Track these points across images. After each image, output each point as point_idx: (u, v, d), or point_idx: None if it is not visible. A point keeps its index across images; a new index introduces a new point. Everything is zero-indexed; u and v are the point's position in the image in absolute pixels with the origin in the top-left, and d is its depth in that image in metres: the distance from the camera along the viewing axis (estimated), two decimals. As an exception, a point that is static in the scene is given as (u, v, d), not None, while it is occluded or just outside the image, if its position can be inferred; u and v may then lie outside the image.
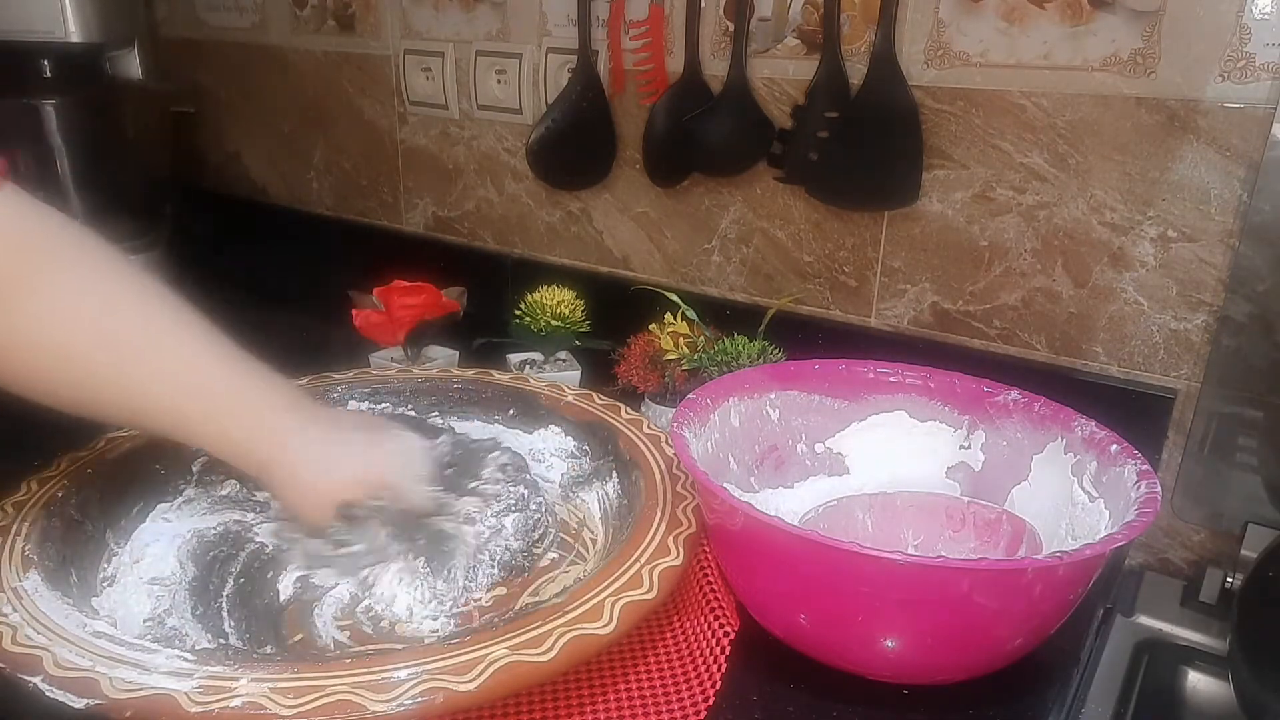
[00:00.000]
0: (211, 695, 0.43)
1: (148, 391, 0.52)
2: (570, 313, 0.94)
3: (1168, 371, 0.79)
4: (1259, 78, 0.69)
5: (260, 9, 1.33)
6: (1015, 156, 0.81)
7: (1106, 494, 0.60)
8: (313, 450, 0.56)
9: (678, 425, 0.63)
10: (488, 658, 0.46)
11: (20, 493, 0.61)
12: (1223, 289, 0.74)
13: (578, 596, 0.51)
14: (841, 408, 0.74)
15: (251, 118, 1.43)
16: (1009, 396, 0.69)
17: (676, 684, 0.56)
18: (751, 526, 0.54)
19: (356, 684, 0.44)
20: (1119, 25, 0.74)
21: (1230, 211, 0.73)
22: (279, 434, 0.55)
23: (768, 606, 0.58)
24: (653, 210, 1.04)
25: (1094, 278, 0.80)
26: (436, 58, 1.16)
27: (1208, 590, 0.73)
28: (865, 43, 0.84)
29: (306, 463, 0.55)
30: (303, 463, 0.55)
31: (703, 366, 0.82)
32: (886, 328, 0.92)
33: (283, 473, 0.55)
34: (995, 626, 0.52)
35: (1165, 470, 0.79)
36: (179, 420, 0.53)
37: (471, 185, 1.20)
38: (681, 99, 0.94)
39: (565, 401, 0.78)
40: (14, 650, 0.46)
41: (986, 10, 0.79)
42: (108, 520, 0.64)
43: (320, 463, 0.56)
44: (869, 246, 0.91)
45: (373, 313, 0.93)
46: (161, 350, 0.53)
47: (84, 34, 1.16)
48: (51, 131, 1.19)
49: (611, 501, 0.70)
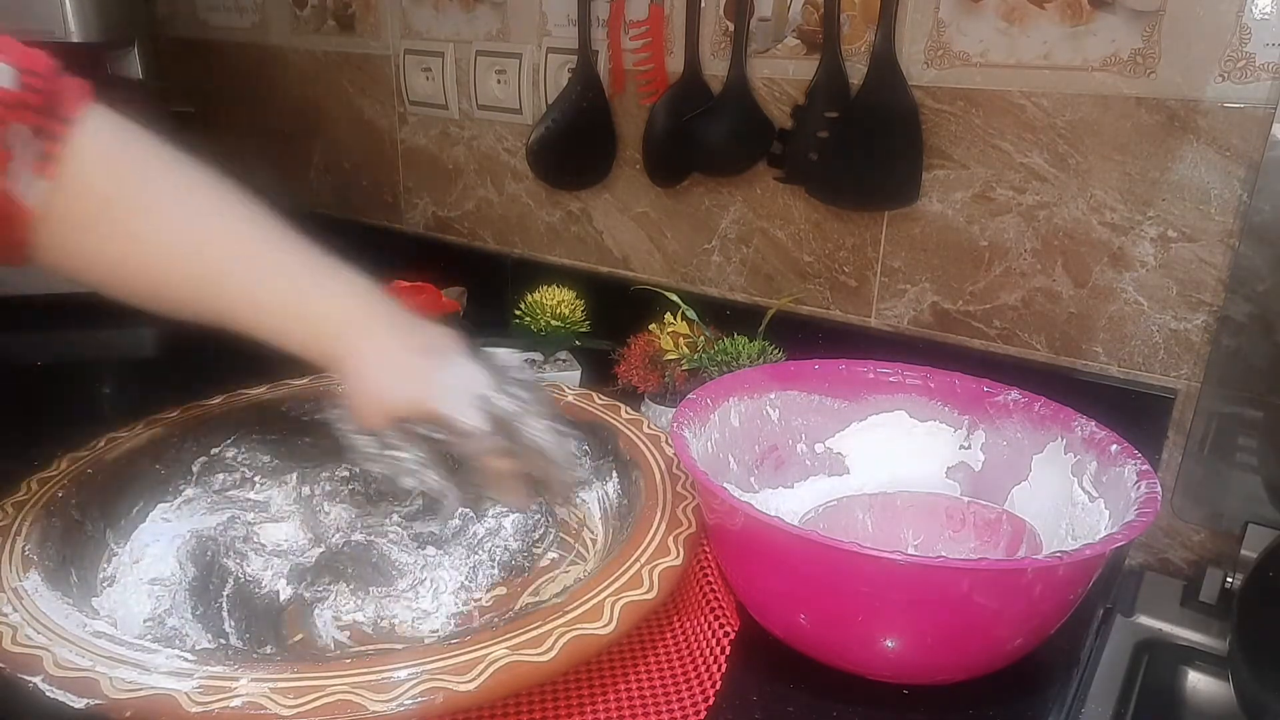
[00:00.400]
0: (211, 695, 0.43)
1: (241, 298, 0.56)
2: (570, 313, 0.94)
3: (1168, 371, 0.79)
4: (1259, 78, 0.69)
5: (260, 9, 1.33)
6: (1015, 156, 0.81)
7: (1106, 494, 0.60)
8: (382, 360, 0.58)
9: (678, 425, 0.63)
10: (488, 658, 0.46)
11: (20, 493, 0.61)
12: (1223, 289, 0.74)
13: (578, 596, 0.51)
14: (841, 408, 0.74)
15: (251, 118, 1.43)
16: (1009, 396, 0.69)
17: (676, 684, 0.56)
18: (751, 526, 0.54)
19: (356, 684, 0.44)
20: (1119, 25, 0.74)
21: (1230, 211, 0.73)
22: (354, 338, 0.57)
23: (768, 606, 0.58)
24: (653, 210, 1.04)
25: (1094, 278, 0.80)
26: (436, 58, 1.16)
27: (1208, 590, 0.73)
28: (865, 43, 0.84)
29: (374, 372, 0.57)
30: (371, 370, 0.57)
31: (703, 366, 0.82)
32: (886, 328, 0.92)
33: (353, 373, 0.58)
34: (995, 626, 0.52)
35: (1165, 470, 0.79)
36: (269, 322, 0.57)
37: (471, 185, 1.20)
38: (681, 99, 0.94)
39: (565, 401, 0.78)
40: (14, 650, 0.46)
41: (986, 10, 0.79)
42: (108, 520, 0.64)
43: (385, 376, 0.57)
44: (869, 246, 0.91)
45: (373, 313, 0.92)
46: (253, 259, 0.57)
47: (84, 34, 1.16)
48: (52, 131, 1.19)
49: (611, 501, 0.70)
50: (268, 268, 0.57)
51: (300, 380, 0.80)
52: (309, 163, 1.38)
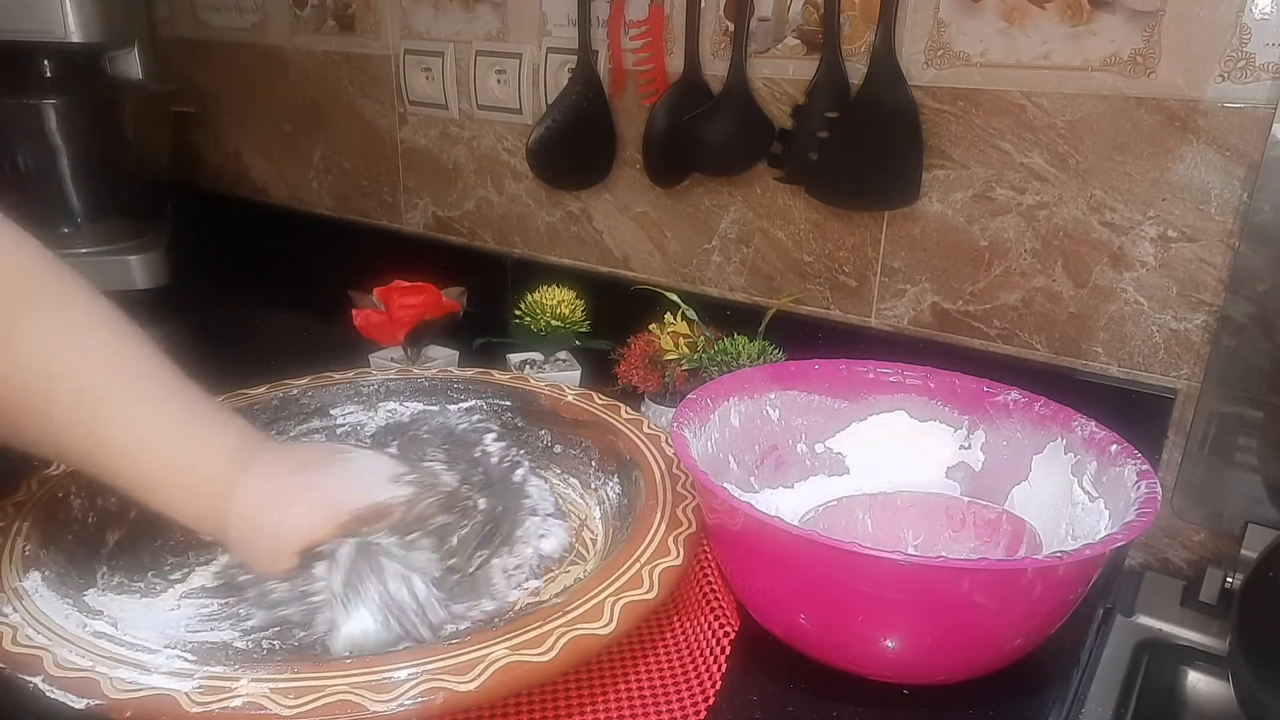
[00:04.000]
0: (211, 695, 0.43)
1: (105, 444, 0.50)
2: (570, 313, 0.94)
3: (1168, 371, 0.79)
4: (1259, 78, 0.69)
5: (260, 9, 1.33)
6: (1015, 156, 0.81)
7: (1106, 494, 0.60)
8: (266, 493, 0.51)
9: (678, 425, 0.63)
10: (488, 658, 0.46)
11: (20, 493, 0.61)
12: (1223, 289, 0.74)
13: (578, 596, 0.51)
14: (841, 408, 0.74)
15: (251, 118, 1.43)
16: (1009, 396, 0.69)
17: (676, 684, 0.56)
18: (751, 526, 0.54)
19: (356, 684, 0.44)
20: (1119, 25, 0.74)
21: (1230, 211, 0.73)
22: (225, 493, 0.51)
23: (768, 606, 0.58)
24: (653, 210, 1.04)
25: (1094, 278, 0.80)
26: (436, 58, 1.16)
27: (1208, 590, 0.73)
28: (865, 43, 0.84)
29: (259, 508, 0.51)
30: (255, 509, 0.51)
31: (703, 366, 0.82)
32: (886, 328, 0.92)
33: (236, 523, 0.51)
34: (995, 626, 0.52)
35: (1165, 470, 0.79)
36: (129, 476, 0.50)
37: (471, 185, 1.20)
38: (681, 99, 0.94)
39: (565, 401, 0.78)
40: (14, 650, 0.46)
41: (986, 10, 0.79)
42: (108, 520, 0.64)
43: (274, 505, 0.51)
44: (869, 246, 0.91)
45: (373, 313, 0.93)
46: (124, 401, 0.50)
47: (84, 34, 1.16)
48: (51, 131, 1.19)
49: (611, 501, 0.70)
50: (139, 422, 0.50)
51: (301, 380, 0.80)
52: (309, 163, 1.38)
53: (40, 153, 1.19)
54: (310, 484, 0.53)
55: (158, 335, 0.53)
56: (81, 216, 1.23)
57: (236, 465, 0.52)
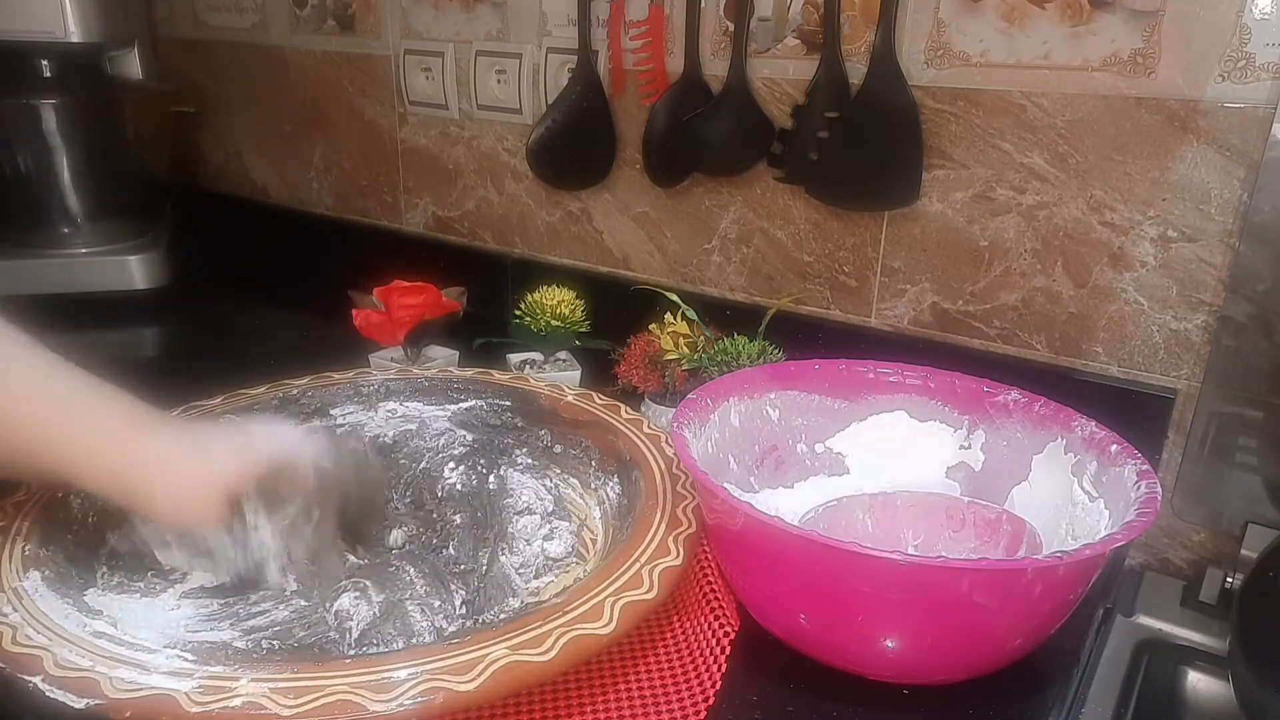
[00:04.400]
0: (211, 695, 0.43)
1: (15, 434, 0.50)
2: (570, 313, 0.94)
3: (1168, 371, 0.79)
4: (1259, 78, 0.69)
5: (260, 9, 1.33)
6: (1015, 156, 0.81)
7: (1106, 494, 0.60)
8: (179, 444, 0.51)
9: (678, 425, 0.63)
10: (488, 657, 0.46)
11: (20, 493, 0.61)
12: (1223, 289, 0.74)
13: (578, 596, 0.51)
14: (841, 408, 0.74)
15: (251, 118, 1.43)
16: (1009, 396, 0.69)
17: (676, 684, 0.56)
18: (751, 526, 0.54)
19: (356, 684, 0.44)
20: (1119, 25, 0.74)
21: (1230, 211, 0.73)
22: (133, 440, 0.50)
23: (768, 606, 0.58)
24: (653, 210, 1.04)
25: (1094, 278, 0.80)
26: (436, 58, 1.16)
27: (1208, 590, 0.72)
28: (865, 43, 0.84)
29: (175, 457, 0.50)
30: (171, 459, 0.50)
31: (703, 366, 0.82)
32: (886, 328, 0.92)
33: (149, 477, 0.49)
34: (995, 626, 0.52)
35: (1165, 470, 0.79)
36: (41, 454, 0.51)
37: (471, 185, 1.20)
38: (681, 99, 0.94)
39: (565, 401, 0.78)
40: (14, 650, 0.46)
41: (986, 10, 0.79)
42: (108, 520, 0.63)
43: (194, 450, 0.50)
44: (869, 246, 0.91)
45: (373, 313, 0.93)
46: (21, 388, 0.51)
47: (84, 34, 1.16)
48: (51, 131, 1.19)
49: (611, 501, 0.70)
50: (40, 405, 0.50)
51: (301, 380, 0.80)
52: (309, 163, 1.38)
53: (40, 153, 1.19)
54: (224, 436, 0.53)
55: (158, 335, 0.53)
56: (81, 216, 1.23)
57: (134, 422, 0.51)
